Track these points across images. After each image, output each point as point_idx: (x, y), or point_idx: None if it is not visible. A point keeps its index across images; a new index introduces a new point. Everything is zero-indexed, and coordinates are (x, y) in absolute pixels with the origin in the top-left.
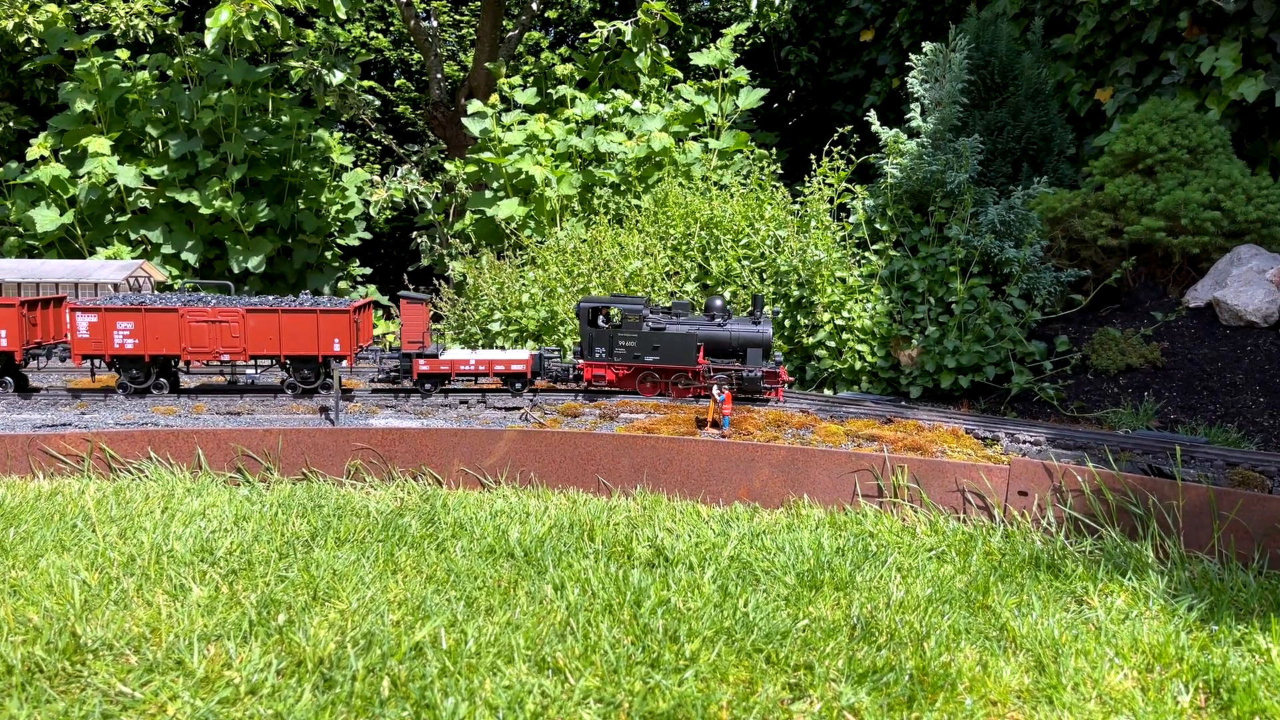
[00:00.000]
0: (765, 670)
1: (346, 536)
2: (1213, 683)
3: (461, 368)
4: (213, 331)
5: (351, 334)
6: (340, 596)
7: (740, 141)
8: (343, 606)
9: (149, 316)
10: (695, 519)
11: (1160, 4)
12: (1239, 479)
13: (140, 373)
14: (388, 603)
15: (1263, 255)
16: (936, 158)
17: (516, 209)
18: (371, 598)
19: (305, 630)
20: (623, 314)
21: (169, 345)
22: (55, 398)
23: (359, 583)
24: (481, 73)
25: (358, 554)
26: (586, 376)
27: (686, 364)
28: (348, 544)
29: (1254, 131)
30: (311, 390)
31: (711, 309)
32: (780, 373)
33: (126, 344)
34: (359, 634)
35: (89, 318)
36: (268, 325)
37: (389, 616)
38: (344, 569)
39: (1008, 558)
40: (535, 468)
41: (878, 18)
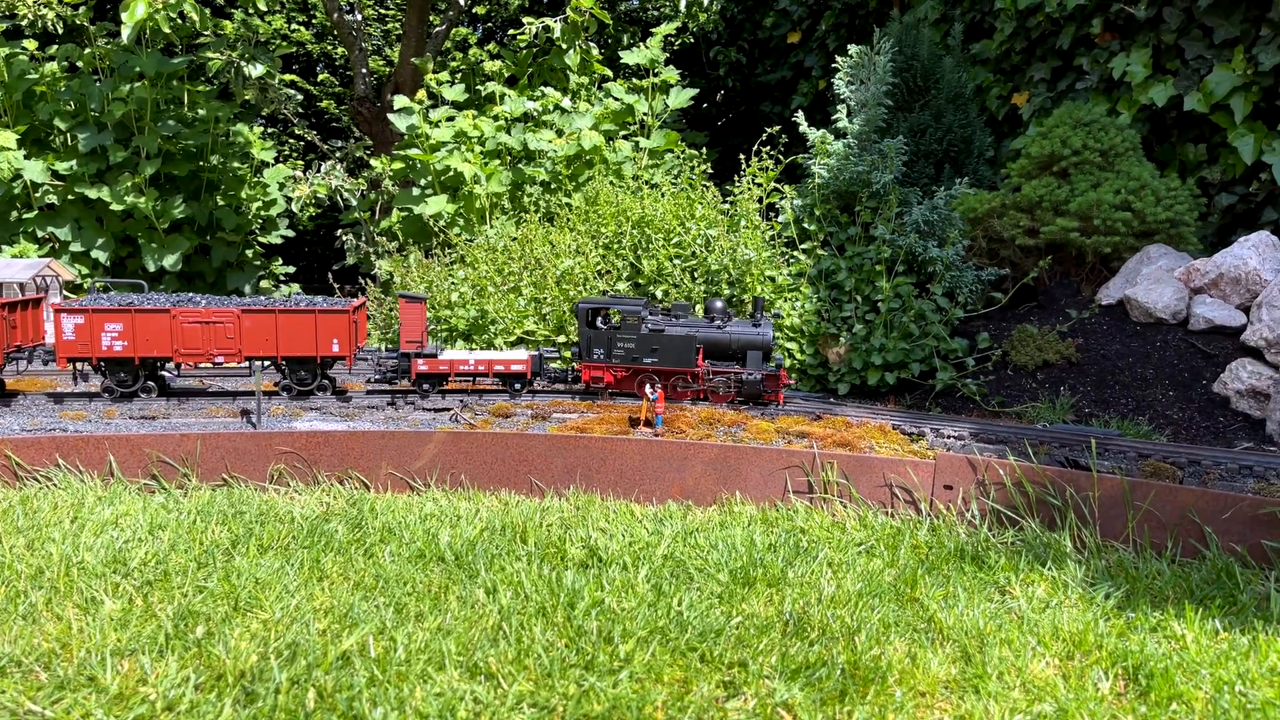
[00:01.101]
0: (700, 669)
1: (269, 543)
2: (1131, 669)
3: (460, 368)
4: (206, 333)
5: (351, 334)
6: (263, 606)
7: (670, 141)
8: (266, 616)
9: (139, 318)
10: (629, 518)
11: (1074, 11)
12: (1151, 470)
13: (128, 376)
14: (313, 611)
15: (1171, 254)
16: (863, 158)
17: (445, 206)
18: (296, 606)
19: (225, 642)
20: (622, 315)
21: (160, 347)
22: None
23: (283, 591)
24: (408, 68)
25: (281, 561)
26: (585, 378)
27: (686, 366)
28: (271, 551)
29: (1163, 135)
30: (308, 392)
31: (712, 311)
32: (781, 376)
33: (115, 346)
34: (283, 644)
35: (75, 319)
36: (264, 326)
37: (314, 625)
38: (267, 577)
39: (934, 550)
40: (466, 470)
41: (804, 20)
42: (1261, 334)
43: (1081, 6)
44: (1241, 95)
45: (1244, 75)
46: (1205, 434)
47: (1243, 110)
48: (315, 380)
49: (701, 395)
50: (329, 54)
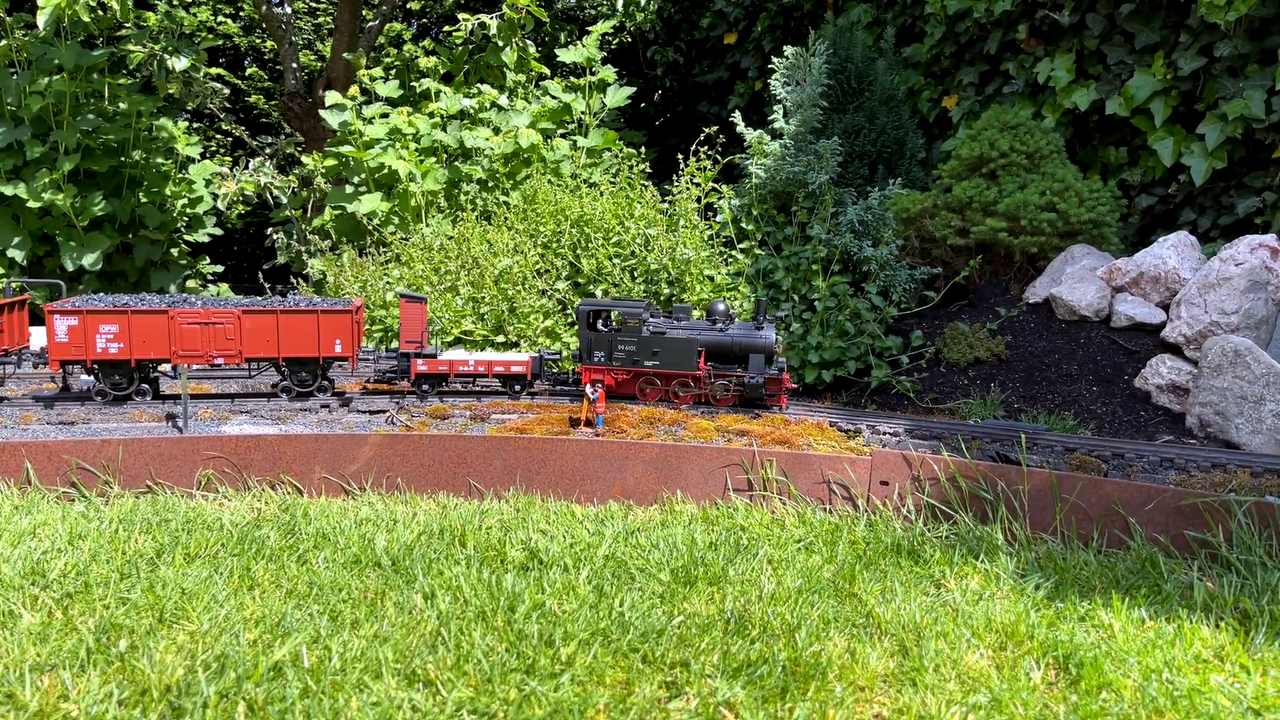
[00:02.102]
0: (642, 670)
1: (197, 552)
2: (1062, 659)
3: (461, 368)
4: (205, 334)
5: (353, 334)
6: (190, 617)
7: (608, 140)
8: (193, 628)
9: (135, 319)
10: (570, 519)
11: (1000, 16)
12: (1077, 464)
13: (123, 379)
14: (243, 621)
15: (1094, 254)
16: (799, 159)
17: (379, 205)
18: (225, 617)
19: (150, 656)
20: (623, 318)
21: (157, 349)
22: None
23: (211, 601)
24: (340, 63)
25: (210, 570)
26: (585, 381)
27: (687, 369)
28: (198, 560)
29: (1086, 138)
30: (308, 393)
31: (714, 313)
32: (783, 379)
33: (110, 348)
34: (211, 657)
35: (68, 321)
36: (265, 326)
37: (245, 636)
38: (194, 587)
39: (871, 546)
40: (403, 473)
41: (740, 21)
42: (1180, 331)
43: (1008, 12)
44: (1161, 99)
45: (1164, 80)
46: (1128, 428)
47: (1162, 114)
48: (316, 382)
49: (703, 399)
50: (258, 47)
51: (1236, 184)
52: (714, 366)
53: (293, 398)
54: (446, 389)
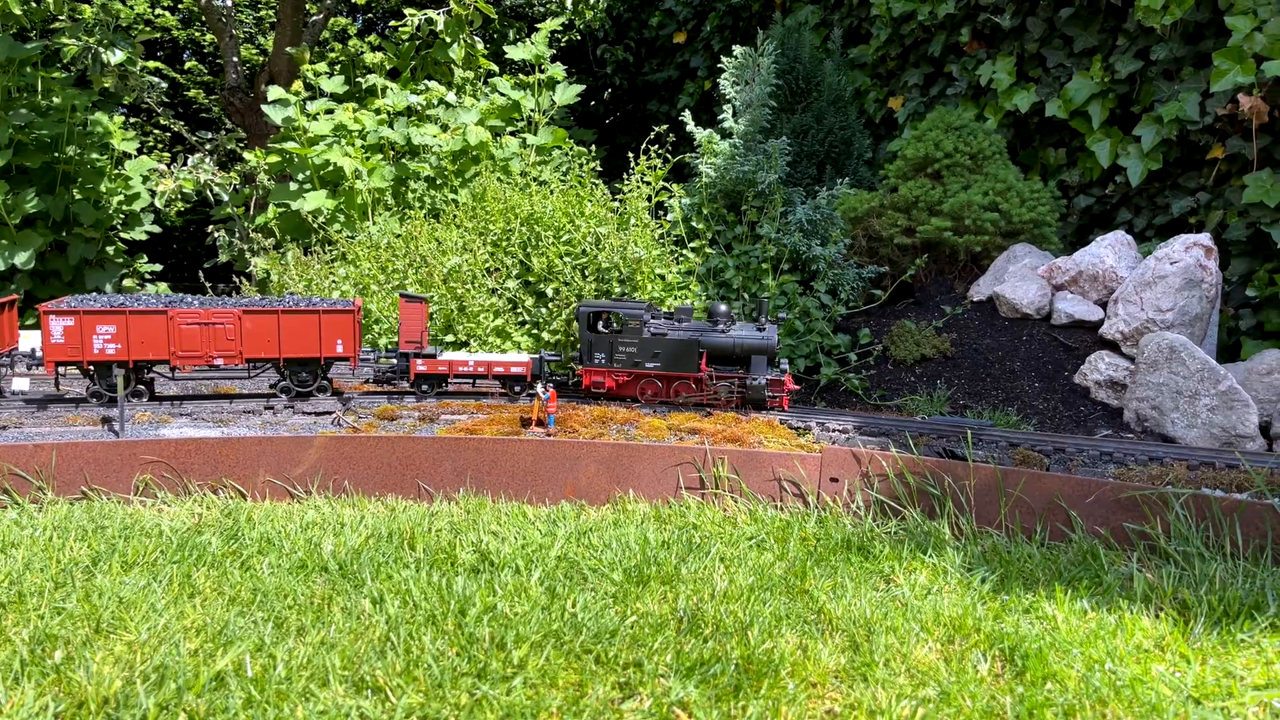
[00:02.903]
0: (595, 671)
1: (135, 559)
2: (1008, 650)
3: (460, 369)
4: (205, 334)
5: (355, 334)
6: (128, 627)
7: (558, 138)
8: (131, 638)
9: (133, 319)
10: (521, 520)
11: (944, 19)
12: (1020, 458)
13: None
14: (184, 630)
15: (1035, 253)
16: (748, 158)
17: (324, 202)
18: (165, 626)
19: (87, 667)
20: (623, 319)
21: (156, 350)
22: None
23: (150, 610)
24: (283, 58)
25: (148, 578)
26: (585, 383)
27: (688, 371)
28: (136, 568)
29: (1026, 139)
30: (308, 394)
31: (715, 315)
32: (785, 381)
33: (107, 349)
34: (150, 667)
35: (64, 321)
36: (266, 326)
37: (185, 646)
38: (132, 596)
39: (822, 542)
40: (350, 475)
41: (689, 20)
42: (1118, 328)
43: (951, 16)
44: (1099, 102)
45: (1101, 83)
46: (1068, 423)
47: (1100, 116)
48: (315, 382)
49: (704, 400)
50: (196, 41)
51: (1171, 185)
52: (715, 368)
53: (291, 398)
54: (446, 390)
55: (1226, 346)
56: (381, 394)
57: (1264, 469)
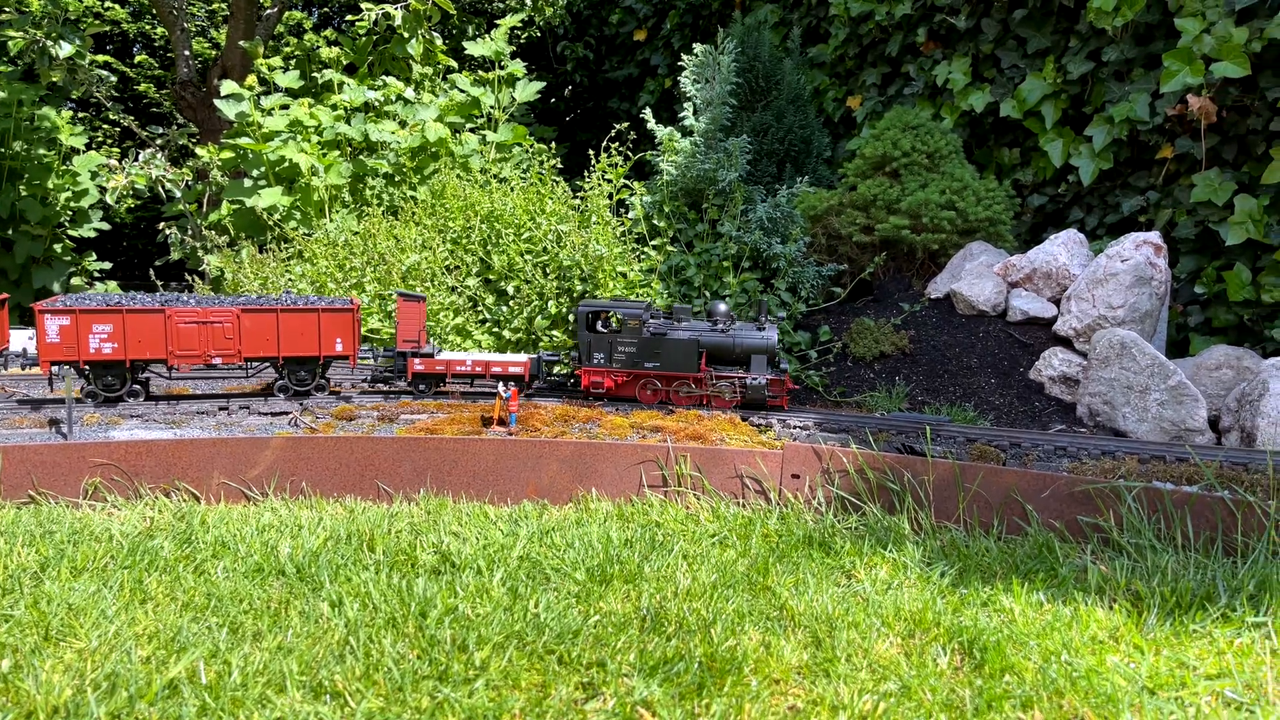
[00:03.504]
0: (558, 671)
1: (84, 565)
2: (966, 644)
3: (457, 368)
4: (203, 333)
5: (355, 333)
6: (78, 634)
7: (518, 135)
8: (81, 645)
9: (130, 318)
10: (483, 520)
11: (901, 20)
12: (978, 454)
13: (116, 379)
14: (135, 637)
15: (991, 251)
16: (709, 156)
17: (280, 199)
18: (116, 633)
19: (36, 676)
20: (623, 319)
21: (153, 349)
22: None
23: (100, 617)
24: (236, 52)
25: (98, 584)
26: (585, 383)
27: (688, 371)
28: (86, 573)
29: (982, 139)
30: (305, 392)
31: (715, 314)
32: (786, 381)
33: (104, 349)
34: (101, 675)
35: (59, 320)
36: (264, 325)
37: (137, 653)
38: (82, 602)
39: (784, 539)
40: (307, 476)
41: (650, 18)
42: (1071, 324)
43: (908, 16)
44: (1052, 102)
45: (1054, 84)
46: (1024, 418)
47: (1053, 116)
48: (314, 381)
49: (704, 401)
50: (147, 34)
51: (1122, 184)
52: (715, 368)
53: (289, 397)
54: (444, 389)
55: (1175, 342)
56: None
57: (1213, 462)
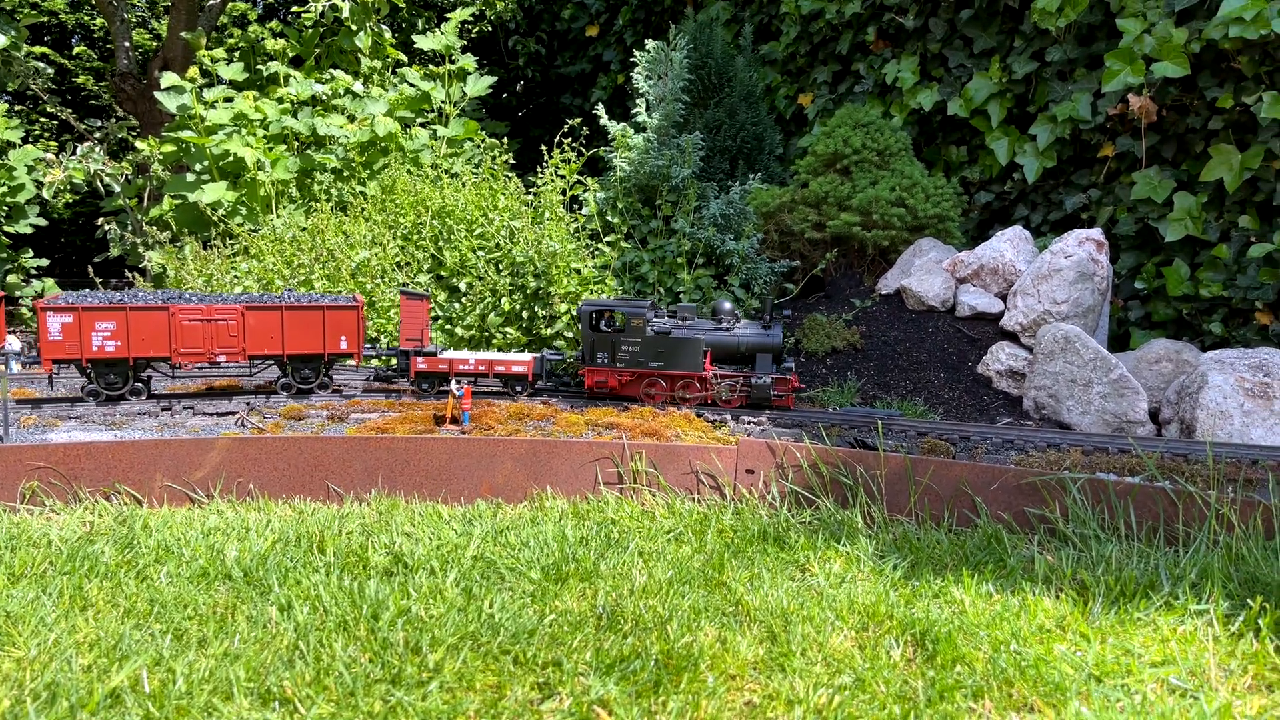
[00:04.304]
0: (513, 672)
1: (22, 572)
2: (919, 635)
3: (460, 367)
4: (207, 331)
5: (360, 331)
6: (16, 643)
7: (470, 130)
8: (19, 654)
9: (134, 316)
10: (436, 520)
11: (851, 19)
12: (928, 447)
13: (119, 378)
14: (76, 645)
15: (940, 248)
16: (662, 153)
17: (224, 194)
18: (55, 641)
19: None
20: (626, 318)
21: (157, 347)
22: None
23: (39, 625)
24: (178, 43)
25: (37, 591)
26: (588, 383)
27: (692, 370)
28: (24, 580)
29: (930, 137)
30: (309, 390)
31: (719, 312)
32: (791, 380)
33: (107, 346)
34: (41, 685)
35: (62, 318)
36: (269, 323)
37: (78, 661)
38: (19, 610)
39: (739, 534)
40: (255, 478)
41: (602, 14)
42: (1017, 319)
43: (857, 15)
44: (997, 101)
45: (999, 83)
46: (972, 411)
47: (998, 115)
48: (318, 379)
49: (709, 400)
50: (86, 25)
51: (1065, 182)
52: (720, 367)
53: (292, 395)
54: (446, 388)
55: (1117, 336)
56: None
57: (1154, 453)
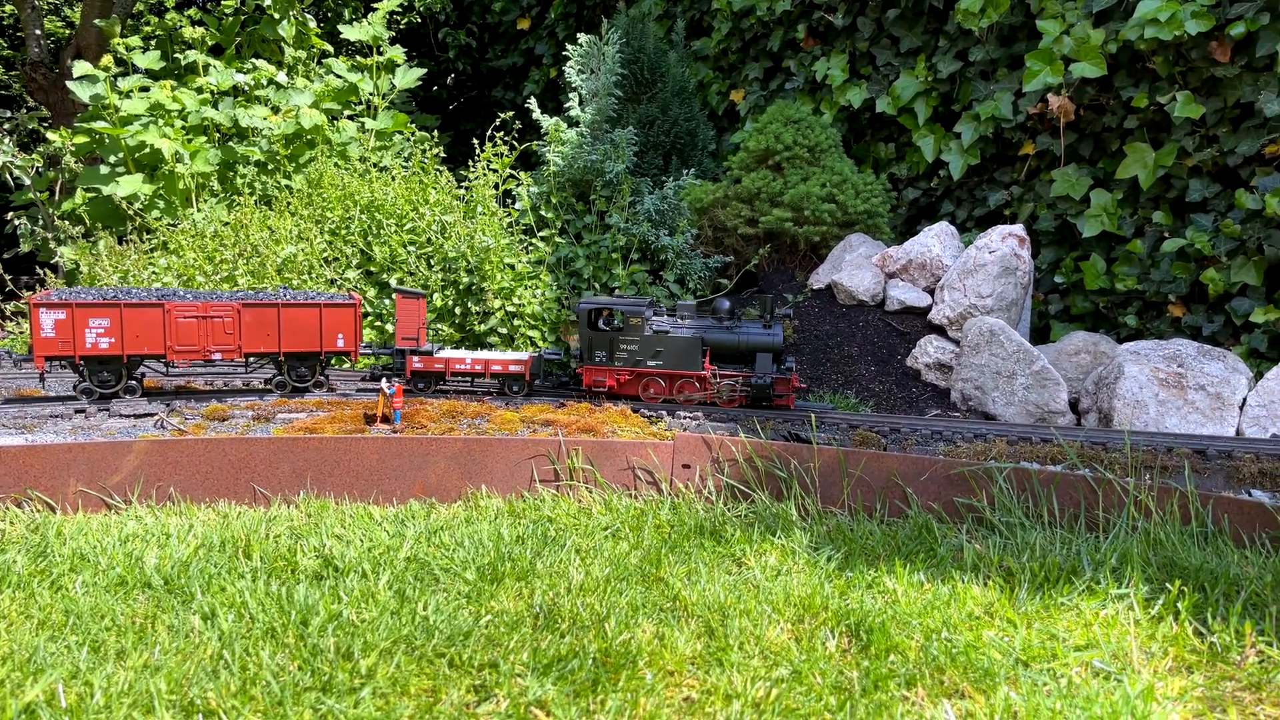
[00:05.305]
0: (449, 675)
1: None
2: (853, 626)
3: (457, 366)
4: (203, 328)
5: (356, 329)
6: None
7: (399, 123)
8: None
9: (128, 312)
10: (367, 521)
11: (781, 16)
12: (860, 440)
13: (112, 375)
14: None
15: (869, 243)
16: (596, 147)
17: (141, 187)
18: None
19: None
20: (624, 316)
21: (151, 344)
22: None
23: None
24: (92, 31)
25: None
26: (586, 382)
27: (691, 369)
28: None
29: (860, 134)
30: (304, 389)
31: (719, 312)
32: (792, 379)
33: (100, 344)
34: None
35: (55, 314)
36: (265, 320)
37: None
38: None
39: (676, 529)
40: (176, 481)
41: (533, 7)
42: (944, 313)
43: (788, 12)
44: (924, 100)
45: (925, 82)
46: (902, 404)
47: (924, 113)
48: (314, 377)
49: (709, 400)
50: None
51: (988, 179)
52: (720, 366)
53: (287, 393)
54: (443, 388)
55: (1038, 329)
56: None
57: (1075, 442)
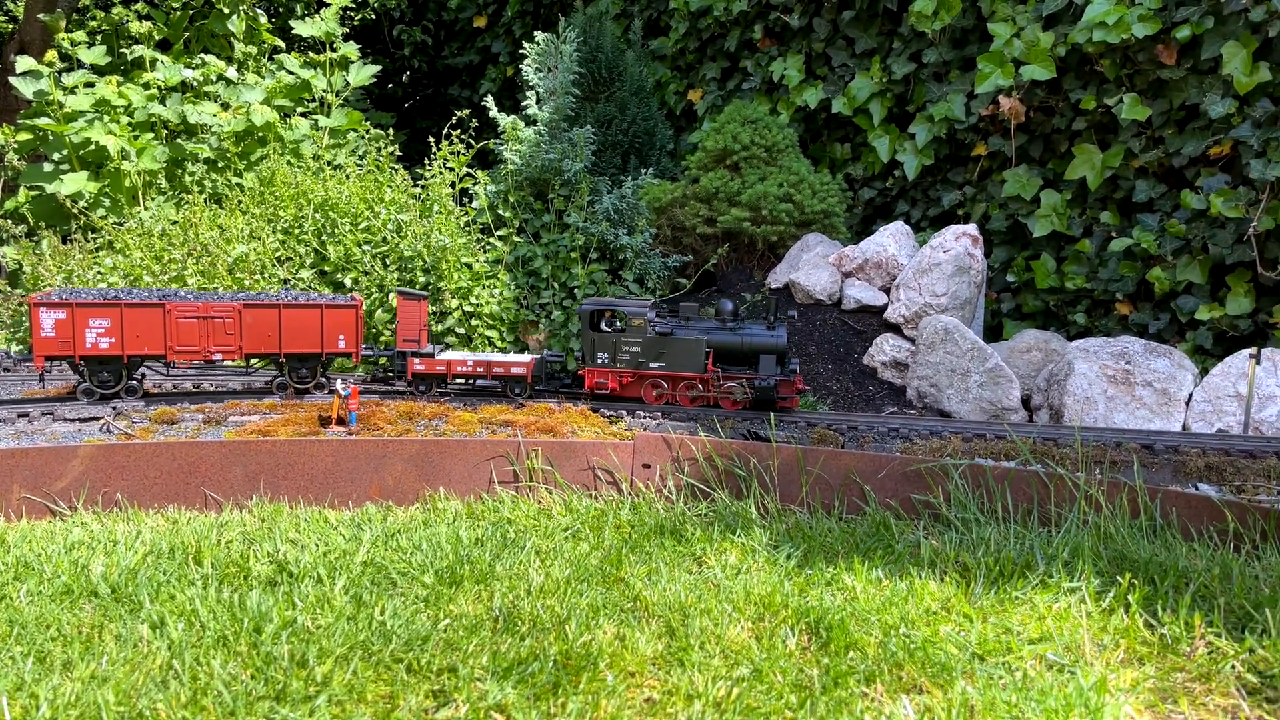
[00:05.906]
0: (407, 680)
1: None
2: (813, 623)
3: (459, 369)
4: (203, 328)
5: (358, 330)
6: None
7: (354, 120)
8: None
9: (129, 313)
10: (323, 526)
11: (738, 16)
12: (819, 437)
13: (111, 376)
14: None
15: (826, 243)
16: (554, 146)
17: (86, 185)
18: None
19: None
20: (627, 317)
21: (152, 345)
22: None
23: None
24: (35, 25)
25: None
26: (588, 384)
27: (694, 371)
28: None
29: (816, 134)
30: (305, 390)
31: (722, 313)
32: (796, 381)
33: (100, 344)
34: None
35: (55, 314)
36: (266, 321)
37: None
38: None
39: (636, 529)
40: (123, 487)
41: (490, 4)
42: (900, 312)
43: (744, 12)
44: (879, 100)
45: (880, 83)
46: (859, 402)
47: (879, 114)
48: (314, 378)
49: (711, 401)
50: None
51: (942, 179)
52: (722, 368)
53: (286, 396)
54: (444, 390)
55: (991, 328)
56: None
57: (1028, 439)
